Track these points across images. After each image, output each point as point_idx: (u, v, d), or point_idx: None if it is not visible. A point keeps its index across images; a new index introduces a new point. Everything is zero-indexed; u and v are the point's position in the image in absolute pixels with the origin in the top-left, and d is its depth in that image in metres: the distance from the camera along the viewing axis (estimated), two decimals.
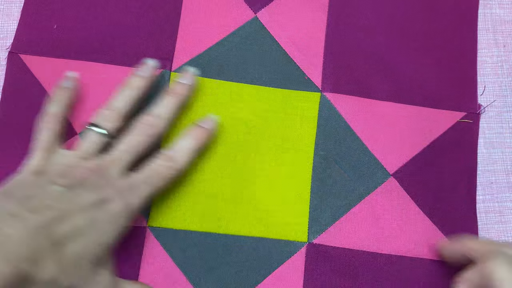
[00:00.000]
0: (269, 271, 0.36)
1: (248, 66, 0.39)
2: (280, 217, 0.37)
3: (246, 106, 0.38)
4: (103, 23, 0.39)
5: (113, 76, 0.38)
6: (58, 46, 0.38)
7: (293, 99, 0.38)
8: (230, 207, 0.37)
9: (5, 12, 0.39)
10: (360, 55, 0.40)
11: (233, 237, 0.36)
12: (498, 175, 0.39)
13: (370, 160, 0.38)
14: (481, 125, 0.39)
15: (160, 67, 0.38)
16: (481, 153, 0.39)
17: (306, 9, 0.40)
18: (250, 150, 0.37)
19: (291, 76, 0.39)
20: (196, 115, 0.38)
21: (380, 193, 0.37)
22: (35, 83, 0.37)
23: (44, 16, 0.39)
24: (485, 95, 0.40)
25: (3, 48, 0.39)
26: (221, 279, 0.35)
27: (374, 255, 0.36)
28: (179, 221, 0.36)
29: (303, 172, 0.37)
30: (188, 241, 0.36)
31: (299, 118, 0.38)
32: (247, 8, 0.40)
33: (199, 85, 0.38)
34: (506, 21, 0.41)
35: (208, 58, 0.39)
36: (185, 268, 0.35)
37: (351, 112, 0.38)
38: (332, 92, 0.38)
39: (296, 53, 0.39)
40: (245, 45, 0.39)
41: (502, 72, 0.41)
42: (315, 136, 0.38)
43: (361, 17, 0.40)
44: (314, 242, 0.36)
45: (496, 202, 0.38)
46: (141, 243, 0.35)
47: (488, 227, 0.38)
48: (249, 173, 0.37)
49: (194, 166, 0.37)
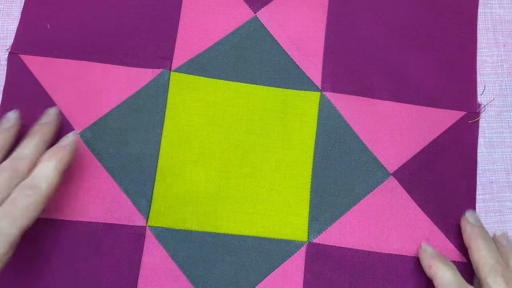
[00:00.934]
0: (269, 271, 0.36)
1: (248, 66, 0.39)
2: (280, 216, 0.37)
3: (246, 106, 0.38)
4: (103, 23, 0.39)
5: (113, 75, 0.38)
6: (58, 46, 0.38)
7: (293, 98, 0.38)
8: (230, 207, 0.37)
9: (5, 12, 0.39)
10: (360, 55, 0.40)
11: (233, 237, 0.36)
12: (498, 174, 0.39)
13: (370, 159, 0.38)
14: (481, 124, 0.39)
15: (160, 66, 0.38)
16: (481, 153, 0.39)
17: (306, 8, 0.40)
18: (249, 150, 0.37)
19: (290, 75, 0.39)
20: (197, 115, 0.38)
21: (380, 192, 0.37)
22: (35, 83, 0.37)
23: (44, 16, 0.39)
24: (485, 95, 0.40)
25: (3, 48, 0.39)
26: (221, 279, 0.35)
27: (374, 255, 0.36)
28: (179, 221, 0.36)
29: (303, 171, 0.37)
30: (188, 241, 0.36)
31: (299, 117, 0.38)
32: (247, 8, 0.40)
33: (199, 85, 0.38)
34: (506, 21, 0.41)
35: (207, 58, 0.39)
36: (185, 267, 0.35)
37: (351, 112, 0.38)
38: (332, 92, 0.38)
39: (295, 53, 0.39)
40: (245, 44, 0.39)
41: (502, 71, 0.41)
42: (315, 135, 0.38)
43: (361, 17, 0.40)
44: (314, 241, 0.36)
45: (496, 202, 0.38)
46: (141, 243, 0.35)
47: (488, 227, 0.37)
48: (249, 173, 0.37)
49: (194, 166, 0.37)
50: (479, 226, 0.36)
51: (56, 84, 0.37)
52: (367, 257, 0.36)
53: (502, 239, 0.36)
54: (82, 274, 0.35)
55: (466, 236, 0.35)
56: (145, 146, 0.37)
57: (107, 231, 0.35)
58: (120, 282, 0.35)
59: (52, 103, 0.37)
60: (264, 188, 0.37)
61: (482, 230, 0.35)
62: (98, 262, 0.35)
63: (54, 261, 0.35)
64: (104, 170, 0.36)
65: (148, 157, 0.37)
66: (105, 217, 0.36)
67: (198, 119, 0.38)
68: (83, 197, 0.36)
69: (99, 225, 0.35)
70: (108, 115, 0.37)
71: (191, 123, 0.38)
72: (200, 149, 0.37)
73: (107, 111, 0.37)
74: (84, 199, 0.36)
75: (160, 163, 0.37)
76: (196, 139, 0.37)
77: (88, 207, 0.36)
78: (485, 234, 0.35)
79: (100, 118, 0.37)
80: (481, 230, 0.35)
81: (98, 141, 0.37)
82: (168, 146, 0.37)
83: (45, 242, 0.35)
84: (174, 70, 0.38)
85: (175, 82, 0.38)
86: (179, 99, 0.38)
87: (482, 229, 0.36)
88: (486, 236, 0.35)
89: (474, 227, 0.35)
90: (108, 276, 0.35)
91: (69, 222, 0.35)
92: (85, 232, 0.35)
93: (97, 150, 0.37)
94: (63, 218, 0.35)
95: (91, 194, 0.36)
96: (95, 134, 0.37)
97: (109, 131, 0.37)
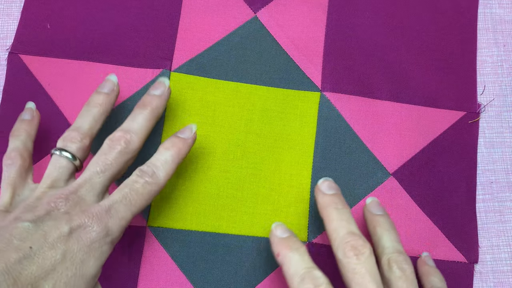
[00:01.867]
0: (269, 271, 0.36)
1: (248, 66, 0.39)
2: (280, 216, 0.37)
3: (246, 106, 0.38)
4: (103, 23, 0.39)
5: None
6: (58, 46, 0.38)
7: (292, 98, 0.38)
8: (230, 207, 0.37)
9: (5, 12, 0.39)
10: (360, 55, 0.40)
11: (233, 237, 0.36)
12: (498, 174, 0.39)
13: (370, 159, 0.38)
14: (481, 124, 0.39)
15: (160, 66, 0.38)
16: (481, 153, 0.39)
17: (305, 8, 0.40)
18: (249, 150, 0.37)
19: (290, 75, 0.39)
20: (197, 115, 0.38)
21: (380, 192, 0.37)
22: (35, 83, 0.37)
23: (44, 16, 0.39)
24: (485, 95, 0.40)
25: (3, 48, 0.39)
26: (221, 279, 0.35)
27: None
28: (179, 221, 0.36)
29: (303, 171, 0.37)
30: (188, 241, 0.36)
31: (299, 117, 0.38)
32: (247, 8, 0.40)
33: (199, 85, 0.38)
34: (506, 21, 0.41)
35: (207, 58, 0.39)
36: (185, 268, 0.35)
37: (351, 112, 0.38)
38: (332, 92, 0.38)
39: (295, 53, 0.39)
40: (245, 44, 0.39)
41: (502, 71, 0.41)
42: (315, 135, 0.38)
43: (361, 17, 0.40)
44: (314, 241, 0.36)
45: (496, 202, 0.38)
46: (141, 243, 0.35)
47: (488, 227, 0.38)
48: (249, 173, 0.37)
49: (194, 166, 0.37)
50: (331, 194, 0.32)
51: (56, 84, 0.37)
52: None
53: None
54: None
55: (319, 207, 0.32)
56: (145, 146, 0.37)
57: None
58: (120, 282, 0.35)
59: (52, 103, 0.37)
60: (264, 188, 0.37)
61: (333, 197, 0.32)
62: None
63: None
64: None
65: (148, 157, 0.37)
66: None
67: (198, 119, 0.38)
68: None
69: None
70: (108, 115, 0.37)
71: (191, 123, 0.38)
72: (200, 149, 0.37)
73: None
74: None
75: None
76: (196, 139, 0.37)
77: None
78: (338, 201, 0.31)
79: None
80: (333, 197, 0.32)
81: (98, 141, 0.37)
82: None
83: None
84: (174, 70, 0.38)
85: (175, 82, 0.38)
86: (179, 99, 0.38)
87: (334, 197, 0.32)
88: (338, 204, 0.31)
89: (325, 196, 0.32)
90: (108, 276, 0.35)
91: None
92: None
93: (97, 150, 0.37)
94: None
95: None
96: None
97: (109, 131, 0.37)
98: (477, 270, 0.37)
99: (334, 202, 0.31)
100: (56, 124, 0.37)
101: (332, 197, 0.32)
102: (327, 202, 0.31)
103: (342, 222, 0.30)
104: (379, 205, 0.34)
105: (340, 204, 0.31)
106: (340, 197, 0.32)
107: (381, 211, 0.34)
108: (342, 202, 0.32)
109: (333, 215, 0.30)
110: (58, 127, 0.37)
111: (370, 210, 0.34)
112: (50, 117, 0.37)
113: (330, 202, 0.31)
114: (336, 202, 0.31)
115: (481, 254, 0.37)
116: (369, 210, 0.34)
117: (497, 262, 0.37)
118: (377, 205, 0.34)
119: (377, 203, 0.34)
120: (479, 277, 0.37)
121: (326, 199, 0.32)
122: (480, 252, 0.37)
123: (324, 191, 0.32)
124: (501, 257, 0.37)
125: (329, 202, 0.31)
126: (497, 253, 0.37)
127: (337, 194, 0.32)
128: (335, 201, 0.31)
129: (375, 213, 0.33)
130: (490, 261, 0.37)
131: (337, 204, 0.31)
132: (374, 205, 0.34)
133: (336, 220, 0.30)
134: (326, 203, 0.31)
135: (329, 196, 0.32)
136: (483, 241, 0.37)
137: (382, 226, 0.32)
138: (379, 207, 0.34)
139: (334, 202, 0.31)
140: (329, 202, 0.31)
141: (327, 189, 0.32)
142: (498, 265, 0.37)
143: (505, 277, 0.37)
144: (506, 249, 0.37)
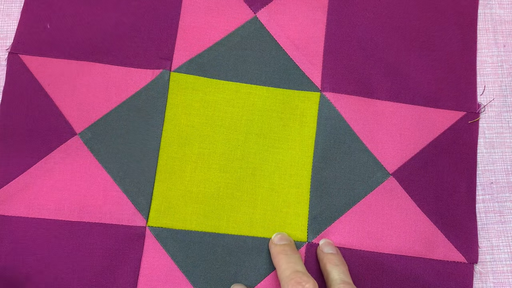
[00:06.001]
0: (269, 271, 0.36)
1: (248, 66, 0.39)
2: (280, 216, 0.37)
3: (246, 106, 0.38)
4: (103, 23, 0.39)
5: (113, 76, 0.38)
6: (58, 47, 0.38)
7: (292, 98, 0.38)
8: (230, 207, 0.37)
9: (5, 12, 0.39)
10: (360, 55, 0.40)
11: (233, 237, 0.36)
12: (498, 175, 0.39)
13: (370, 159, 0.38)
14: (481, 125, 0.39)
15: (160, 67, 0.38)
16: (481, 153, 0.39)
17: (305, 8, 0.40)
18: (249, 150, 0.37)
19: (290, 75, 0.39)
20: (197, 115, 0.38)
21: (379, 192, 0.37)
22: (35, 83, 0.37)
23: (44, 16, 0.39)
24: (485, 95, 0.40)
25: (3, 48, 0.39)
26: (221, 279, 0.35)
27: (373, 255, 0.36)
28: (179, 221, 0.36)
29: (302, 171, 0.37)
30: (188, 241, 0.36)
31: (299, 117, 0.38)
32: (247, 8, 0.40)
33: (199, 85, 0.38)
34: (506, 21, 0.41)
35: (207, 58, 0.39)
36: (185, 268, 0.35)
37: (351, 112, 0.38)
38: (332, 92, 0.38)
39: (295, 53, 0.39)
40: (245, 44, 0.39)
41: (502, 72, 0.41)
42: (314, 135, 0.38)
43: (361, 17, 0.40)
44: (313, 241, 0.36)
45: (496, 202, 0.38)
46: (141, 243, 0.35)
47: (488, 227, 0.38)
48: (249, 173, 0.37)
49: (194, 166, 0.37)
50: (282, 244, 0.35)
51: (56, 84, 0.37)
52: (366, 257, 0.36)
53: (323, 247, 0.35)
54: (82, 274, 0.35)
55: (272, 257, 0.35)
56: (145, 146, 0.37)
57: (107, 232, 0.35)
58: (120, 282, 0.35)
59: (52, 103, 0.37)
60: (264, 188, 0.37)
61: (284, 246, 0.34)
62: (98, 262, 0.35)
63: (53, 261, 0.35)
64: (104, 170, 0.36)
65: (148, 157, 0.37)
66: (105, 217, 0.36)
67: (198, 119, 0.38)
68: (83, 198, 0.36)
69: (99, 226, 0.35)
70: (108, 116, 0.37)
71: (191, 123, 0.38)
72: (200, 149, 0.37)
73: (107, 112, 0.37)
74: (84, 200, 0.36)
75: (160, 163, 0.37)
76: (196, 139, 0.37)
77: (88, 207, 0.36)
78: (288, 249, 0.34)
79: (100, 118, 0.37)
80: (283, 247, 0.34)
81: (98, 141, 0.37)
82: (168, 146, 0.37)
83: (45, 243, 0.35)
84: (174, 71, 0.38)
85: (175, 83, 0.38)
86: (179, 99, 0.38)
87: (284, 246, 0.35)
88: (287, 251, 0.34)
89: (276, 246, 0.35)
90: (108, 276, 0.35)
91: (69, 222, 0.35)
92: (86, 232, 0.35)
93: (97, 150, 0.37)
94: (63, 219, 0.35)
95: (91, 195, 0.36)
96: (95, 134, 0.37)
97: (109, 131, 0.37)
98: (476, 271, 0.37)
99: (284, 250, 0.34)
100: (56, 124, 0.37)
101: (283, 246, 0.35)
102: (278, 250, 0.34)
103: (290, 264, 0.33)
104: (331, 245, 0.36)
105: (289, 251, 0.34)
106: (291, 246, 0.35)
107: (332, 250, 0.35)
108: (292, 249, 0.34)
109: (282, 260, 0.33)
110: (58, 127, 0.37)
111: (322, 249, 0.36)
112: (50, 117, 0.37)
113: (281, 251, 0.34)
114: (286, 250, 0.34)
115: (481, 255, 0.37)
116: (322, 250, 0.36)
117: (497, 263, 0.37)
118: (329, 245, 0.36)
119: (329, 243, 0.36)
120: (478, 278, 0.37)
121: (278, 248, 0.35)
122: (480, 252, 0.37)
123: (276, 242, 0.35)
124: (501, 258, 0.37)
125: (280, 251, 0.34)
126: (497, 253, 0.37)
127: (288, 244, 0.35)
128: (285, 249, 0.34)
129: (326, 252, 0.35)
130: (490, 262, 0.37)
131: (287, 251, 0.34)
132: (326, 245, 0.36)
133: (285, 263, 0.33)
134: (277, 252, 0.34)
135: (280, 245, 0.35)
136: (483, 242, 0.37)
137: (332, 262, 0.34)
138: (331, 246, 0.36)
139: (284, 250, 0.34)
140: (279, 251, 0.34)
141: (278, 240, 0.35)
142: (498, 266, 0.37)
143: (505, 277, 0.37)
144: (506, 249, 0.37)
